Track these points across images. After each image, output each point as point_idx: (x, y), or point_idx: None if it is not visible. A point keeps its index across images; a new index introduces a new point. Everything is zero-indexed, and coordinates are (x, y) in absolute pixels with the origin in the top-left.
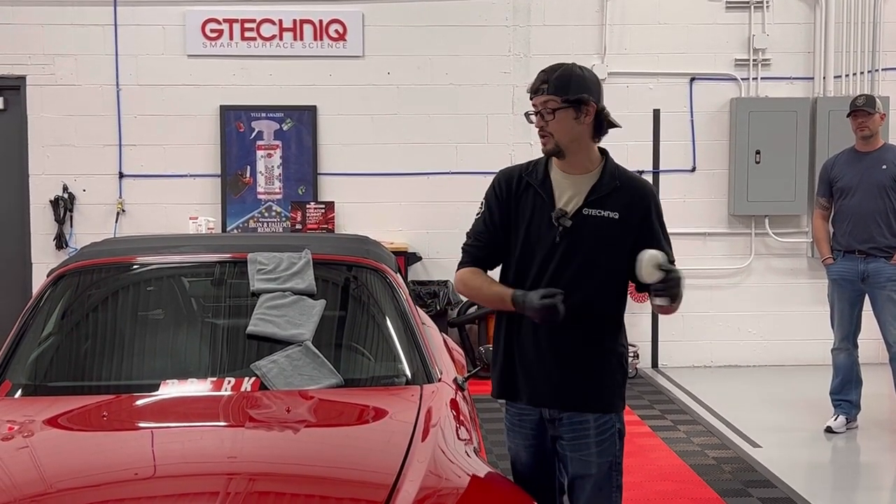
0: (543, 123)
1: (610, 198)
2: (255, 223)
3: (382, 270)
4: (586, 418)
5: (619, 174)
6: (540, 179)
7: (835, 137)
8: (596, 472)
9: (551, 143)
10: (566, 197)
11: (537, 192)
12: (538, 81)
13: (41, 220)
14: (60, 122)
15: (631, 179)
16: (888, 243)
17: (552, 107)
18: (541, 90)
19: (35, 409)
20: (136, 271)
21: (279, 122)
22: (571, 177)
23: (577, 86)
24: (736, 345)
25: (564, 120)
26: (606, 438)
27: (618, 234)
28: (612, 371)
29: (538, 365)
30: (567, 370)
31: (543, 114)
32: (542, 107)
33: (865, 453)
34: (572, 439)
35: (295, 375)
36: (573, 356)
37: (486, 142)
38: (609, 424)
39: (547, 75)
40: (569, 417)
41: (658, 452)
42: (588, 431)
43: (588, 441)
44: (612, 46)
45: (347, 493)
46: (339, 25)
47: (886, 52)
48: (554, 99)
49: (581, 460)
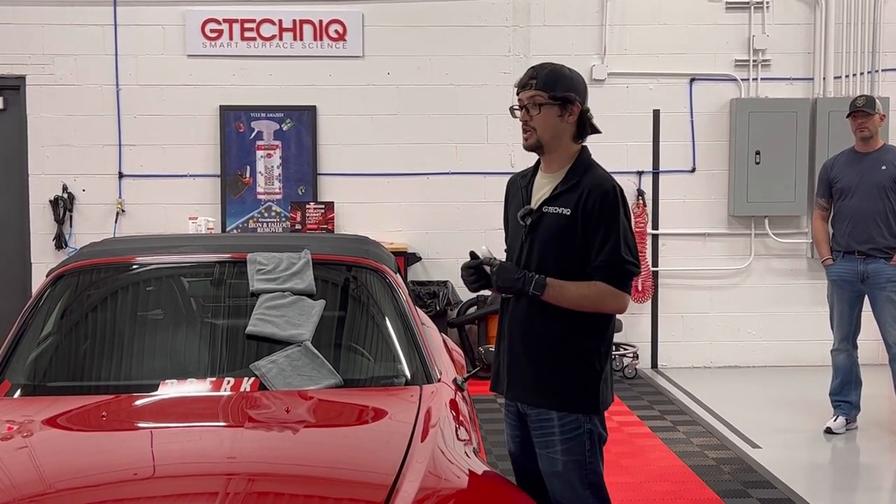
0: (528, 118)
1: (566, 194)
2: (255, 223)
3: (382, 271)
4: (550, 416)
5: (583, 170)
6: (527, 180)
7: (835, 138)
8: (562, 470)
9: (533, 137)
10: (539, 195)
11: (521, 192)
12: (526, 77)
13: (41, 219)
14: (60, 122)
15: (589, 176)
16: (888, 244)
17: (538, 101)
18: (528, 85)
19: (34, 409)
20: (136, 271)
21: (279, 123)
22: (547, 175)
23: (564, 84)
24: (735, 345)
25: (549, 116)
26: (572, 438)
27: (568, 230)
28: (579, 371)
29: (513, 360)
30: (534, 367)
31: (529, 108)
32: (528, 101)
33: (865, 454)
34: (539, 436)
35: (294, 376)
36: (540, 354)
37: (485, 142)
38: (575, 424)
39: (535, 71)
40: (536, 414)
41: (657, 453)
42: (553, 429)
43: (553, 439)
44: (612, 47)
45: (347, 493)
46: (338, 25)
47: (886, 52)
48: (541, 94)
49: (548, 457)
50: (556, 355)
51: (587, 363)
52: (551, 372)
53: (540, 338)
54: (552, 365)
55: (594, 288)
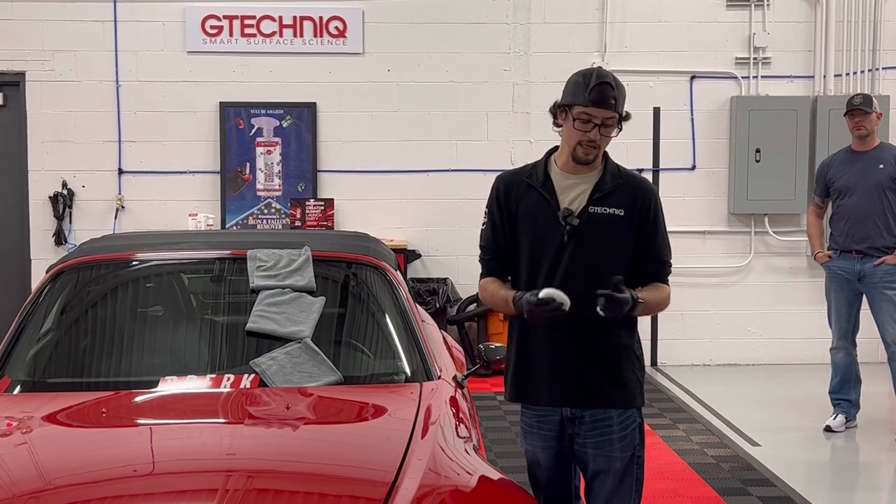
0: (598, 137)
1: (614, 195)
2: (255, 220)
3: (382, 268)
4: (609, 414)
5: (621, 172)
6: (541, 181)
7: (835, 136)
8: (618, 467)
9: (594, 153)
10: (570, 196)
11: (540, 194)
12: (606, 94)
13: (40, 216)
14: (60, 118)
15: (633, 177)
16: (886, 243)
17: (612, 123)
18: (609, 105)
19: (34, 406)
20: (136, 268)
21: (279, 119)
22: (574, 176)
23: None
24: (735, 343)
25: (613, 135)
26: (628, 434)
27: (624, 230)
28: (632, 366)
29: (559, 365)
30: (589, 368)
31: (602, 128)
32: (603, 121)
33: (864, 452)
34: (595, 436)
35: (294, 372)
36: (593, 354)
37: (486, 139)
38: (631, 420)
39: (613, 89)
40: (591, 415)
41: (657, 451)
42: (611, 427)
43: (611, 437)
44: (613, 44)
45: (347, 490)
46: (339, 22)
47: (887, 50)
48: (615, 116)
49: (604, 456)
50: (610, 353)
51: (636, 357)
52: (607, 371)
53: (590, 338)
54: (607, 364)
55: (661, 291)
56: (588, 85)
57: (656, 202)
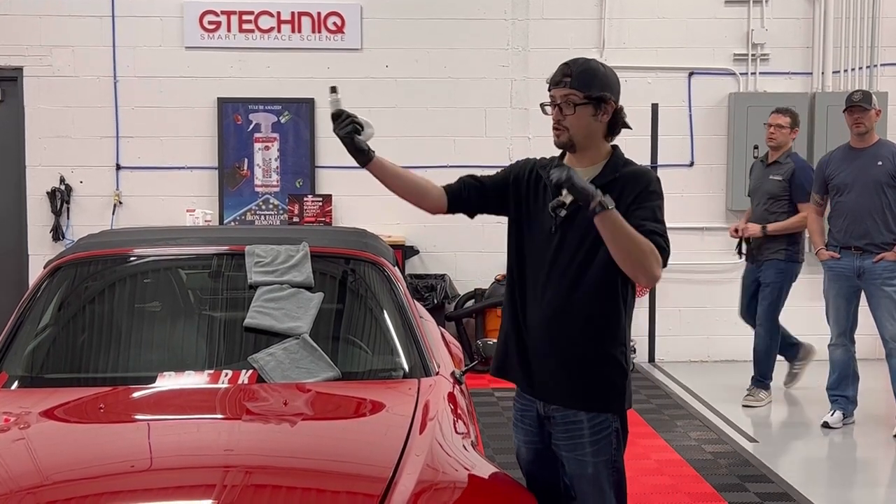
0: (561, 117)
1: (608, 188)
2: (253, 216)
3: (380, 264)
4: (580, 417)
5: (620, 166)
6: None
7: (833, 133)
8: (592, 472)
9: (565, 136)
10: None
11: (545, 186)
12: (560, 74)
13: (38, 211)
14: (57, 113)
15: (630, 170)
16: (884, 240)
17: (573, 101)
18: (563, 83)
19: (32, 401)
20: (133, 263)
21: (277, 115)
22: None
23: (600, 83)
24: (733, 339)
25: (583, 116)
26: (602, 438)
27: None
28: (611, 372)
29: (537, 357)
30: (564, 368)
31: (562, 107)
32: (563, 100)
33: (862, 449)
34: (566, 439)
35: (292, 368)
36: (567, 352)
37: (484, 135)
38: (605, 424)
39: (570, 68)
40: (562, 417)
41: (654, 447)
42: (582, 431)
43: (582, 441)
44: (611, 40)
45: (345, 486)
46: (337, 18)
47: (885, 47)
48: (576, 94)
49: (577, 460)
50: (587, 356)
51: (616, 362)
52: (582, 373)
53: (569, 339)
54: (583, 366)
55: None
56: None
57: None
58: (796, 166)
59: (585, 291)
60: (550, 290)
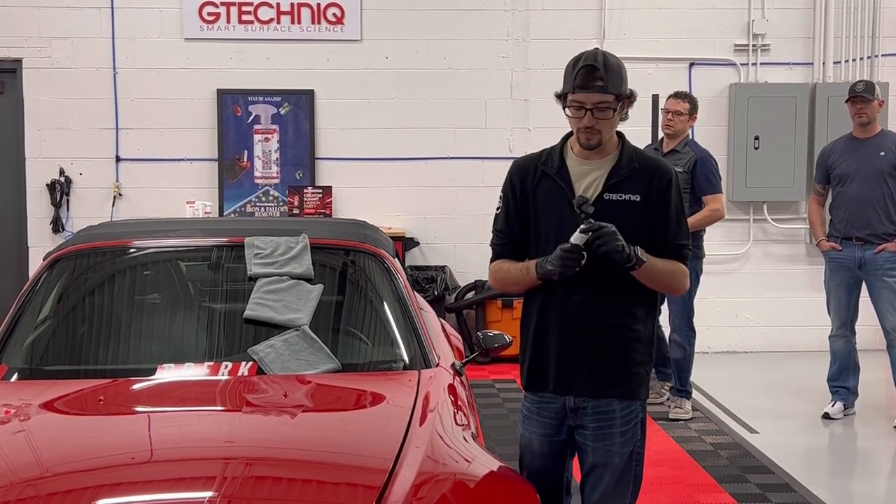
0: (594, 122)
1: (630, 180)
2: (253, 207)
3: (380, 255)
4: (612, 407)
5: (637, 156)
6: (556, 168)
7: (834, 123)
8: (617, 462)
9: (597, 138)
10: (585, 183)
11: (555, 181)
12: (589, 77)
13: (37, 203)
14: (57, 105)
15: (648, 160)
16: (886, 230)
17: (610, 106)
18: (594, 87)
19: (31, 393)
20: (133, 255)
21: (276, 107)
22: (589, 162)
23: (625, 80)
24: (734, 331)
25: (615, 118)
26: (630, 428)
27: (640, 217)
28: (641, 359)
29: (567, 353)
30: (596, 357)
31: (594, 112)
32: (595, 105)
33: (862, 439)
34: (596, 428)
35: (292, 360)
36: (601, 344)
37: (484, 126)
38: (634, 413)
39: (599, 70)
40: (594, 406)
41: (655, 437)
42: (613, 420)
43: (613, 430)
44: (612, 31)
45: (345, 477)
46: (336, 9)
47: (886, 37)
48: (608, 99)
49: (603, 450)
50: (620, 345)
51: (646, 351)
52: (616, 362)
53: (602, 328)
54: (616, 355)
55: (675, 265)
56: (574, 71)
57: (672, 183)
58: (697, 156)
59: (616, 284)
60: (579, 283)
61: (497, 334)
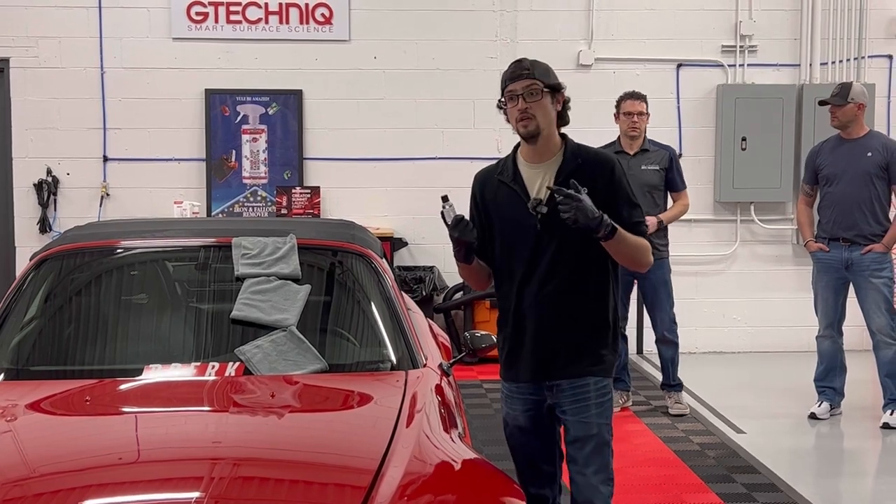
0: (527, 105)
1: (576, 175)
2: (241, 208)
3: (368, 256)
4: (586, 382)
5: (580, 151)
6: (511, 176)
7: (821, 125)
8: (597, 432)
9: (533, 123)
10: (537, 185)
11: (510, 189)
12: (517, 69)
13: (25, 203)
14: (44, 105)
15: (590, 153)
16: (873, 231)
17: (537, 89)
18: (522, 75)
19: (17, 394)
20: (120, 255)
21: (265, 107)
22: (537, 165)
23: (552, 74)
24: (720, 331)
25: (546, 104)
26: (605, 401)
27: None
28: (609, 342)
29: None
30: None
31: (526, 96)
32: (525, 90)
33: (848, 439)
34: (572, 403)
35: (279, 360)
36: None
37: (472, 127)
38: (607, 388)
39: (525, 62)
40: (570, 384)
41: (642, 438)
42: (588, 395)
43: (588, 404)
44: (599, 32)
45: (331, 478)
46: (325, 9)
47: (873, 39)
48: (537, 83)
49: (582, 423)
50: (591, 325)
51: (613, 329)
52: (589, 344)
53: (575, 311)
54: (589, 335)
55: (640, 239)
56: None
57: (615, 170)
58: (671, 155)
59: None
60: (548, 277)
61: (485, 335)
